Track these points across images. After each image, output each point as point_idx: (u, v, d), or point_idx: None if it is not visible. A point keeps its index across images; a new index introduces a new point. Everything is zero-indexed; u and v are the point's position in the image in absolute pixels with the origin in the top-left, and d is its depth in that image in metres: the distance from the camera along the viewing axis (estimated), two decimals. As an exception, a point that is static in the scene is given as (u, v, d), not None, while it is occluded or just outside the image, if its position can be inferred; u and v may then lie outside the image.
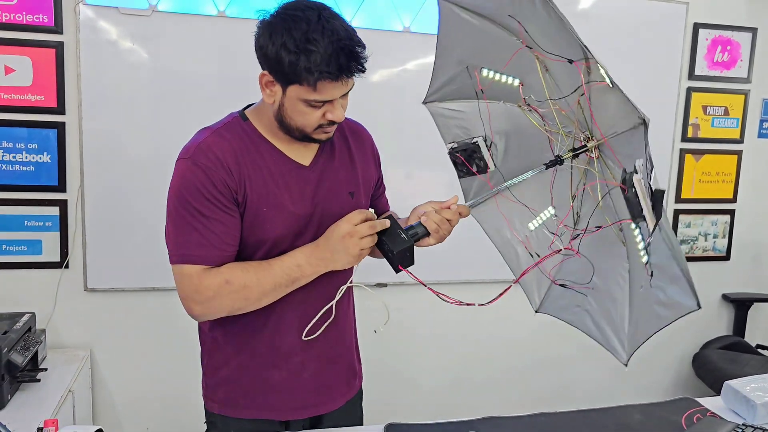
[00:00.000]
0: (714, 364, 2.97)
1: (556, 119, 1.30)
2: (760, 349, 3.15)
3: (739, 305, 3.22)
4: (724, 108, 3.08)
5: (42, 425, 1.23)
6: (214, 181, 1.21)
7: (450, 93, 1.45)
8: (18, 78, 2.32)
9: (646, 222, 1.09)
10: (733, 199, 3.17)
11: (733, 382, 1.54)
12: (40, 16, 2.31)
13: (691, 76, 3.01)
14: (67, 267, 2.44)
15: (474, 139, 1.40)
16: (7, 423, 1.19)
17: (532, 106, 1.34)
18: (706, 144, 3.09)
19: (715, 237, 3.18)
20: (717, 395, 1.59)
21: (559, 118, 1.29)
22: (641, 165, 1.06)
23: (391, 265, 1.26)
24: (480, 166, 1.39)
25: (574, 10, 2.80)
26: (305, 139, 1.27)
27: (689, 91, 3.02)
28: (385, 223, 1.25)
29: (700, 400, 1.58)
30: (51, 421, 1.24)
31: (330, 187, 1.34)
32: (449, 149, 1.43)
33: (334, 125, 1.25)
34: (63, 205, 2.41)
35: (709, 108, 3.06)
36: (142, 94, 2.40)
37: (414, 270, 1.27)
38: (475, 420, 1.44)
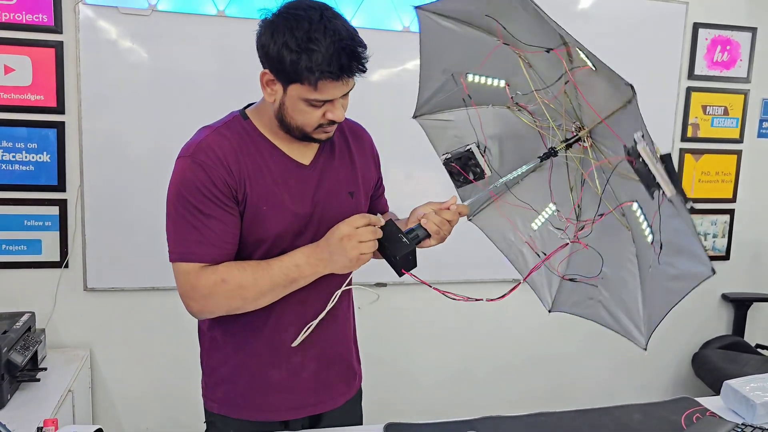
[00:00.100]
0: (713, 363, 2.97)
1: (546, 114, 1.29)
2: (759, 349, 3.15)
3: (739, 305, 3.22)
4: (723, 108, 3.08)
5: (42, 425, 1.23)
6: (214, 179, 1.21)
7: (439, 103, 1.45)
8: (17, 77, 2.32)
9: (662, 189, 1.04)
10: (733, 199, 3.17)
11: (732, 382, 1.54)
12: (40, 16, 2.31)
13: (691, 75, 3.01)
14: (66, 266, 2.44)
15: (467, 147, 1.39)
16: (7, 422, 1.19)
17: (520, 104, 1.33)
18: (705, 144, 3.09)
19: (714, 237, 3.18)
20: (716, 395, 1.59)
21: (549, 112, 1.29)
22: (640, 136, 1.04)
23: (394, 269, 1.25)
24: (476, 173, 1.38)
25: (573, 10, 2.80)
26: (305, 138, 1.27)
27: (689, 90, 3.02)
28: (381, 224, 1.23)
29: (700, 400, 1.58)
30: (51, 420, 1.23)
31: (330, 187, 1.34)
32: (443, 160, 1.41)
33: (334, 125, 1.26)
34: (63, 204, 2.41)
35: (708, 108, 3.06)
36: (142, 94, 2.40)
37: (416, 270, 1.27)
38: (474, 420, 1.44)
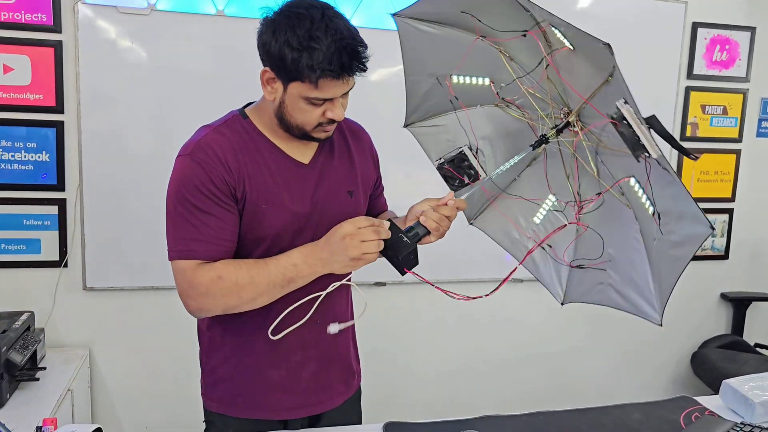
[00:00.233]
0: (712, 363, 2.97)
1: (534, 105, 1.29)
2: (758, 348, 3.15)
3: (738, 304, 3.23)
4: (722, 107, 3.08)
5: (41, 424, 1.23)
6: (212, 177, 1.21)
7: (428, 110, 1.45)
8: (17, 77, 2.32)
9: (648, 151, 1.05)
10: (732, 199, 3.17)
11: (731, 381, 1.55)
12: (39, 15, 2.31)
13: (690, 75, 3.01)
14: (66, 266, 2.44)
15: (459, 149, 1.39)
16: (6, 422, 1.19)
17: (507, 100, 1.34)
18: (704, 143, 3.09)
19: (713, 236, 3.18)
20: (715, 394, 1.60)
21: (536, 102, 1.29)
22: (623, 103, 1.04)
23: (396, 268, 1.24)
24: (470, 174, 1.38)
25: (573, 9, 2.80)
26: (305, 137, 1.27)
27: (688, 90, 3.02)
28: (387, 231, 1.22)
29: (699, 399, 1.58)
30: (50, 419, 1.24)
31: (329, 186, 1.34)
32: (437, 165, 1.41)
33: (334, 124, 1.26)
34: (62, 204, 2.41)
35: (707, 107, 3.06)
36: (141, 93, 2.40)
37: (417, 268, 1.27)
38: (473, 419, 1.45)
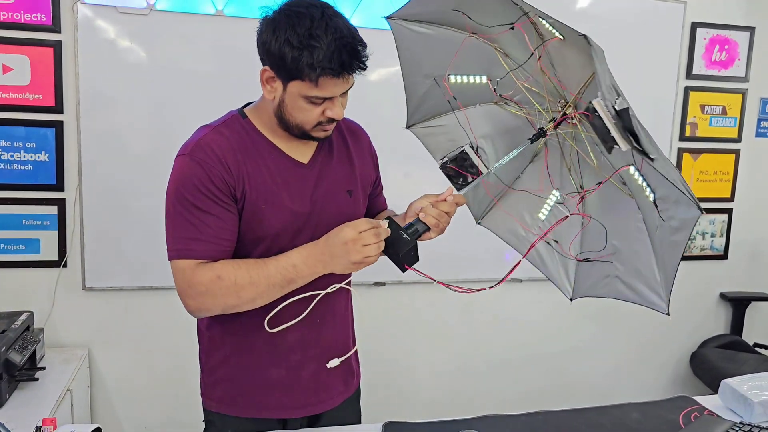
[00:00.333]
0: (711, 362, 2.98)
1: (532, 100, 1.30)
2: (757, 348, 3.15)
3: (737, 304, 3.23)
4: (721, 107, 3.08)
5: (40, 424, 1.23)
6: (212, 177, 1.21)
7: (428, 110, 1.46)
8: (16, 77, 2.31)
9: (617, 144, 1.08)
10: (731, 198, 3.17)
11: (730, 381, 1.55)
12: (38, 15, 2.31)
13: (689, 75, 3.01)
14: (65, 266, 2.44)
15: (461, 148, 1.40)
16: (6, 422, 1.19)
17: (505, 96, 1.34)
18: (703, 143, 3.09)
19: (712, 236, 3.18)
20: (714, 394, 1.60)
21: (533, 97, 1.30)
22: (600, 97, 1.07)
23: (397, 266, 1.24)
24: (473, 173, 1.39)
25: (572, 9, 2.80)
26: (304, 136, 1.27)
27: (687, 90, 3.02)
28: (387, 231, 1.22)
29: (698, 399, 1.58)
30: (49, 419, 1.24)
31: (328, 186, 1.34)
32: (440, 165, 1.43)
33: (333, 123, 1.26)
34: (61, 204, 2.40)
35: (706, 107, 3.06)
36: (140, 93, 2.40)
37: (417, 265, 1.27)
38: (472, 418, 1.45)
